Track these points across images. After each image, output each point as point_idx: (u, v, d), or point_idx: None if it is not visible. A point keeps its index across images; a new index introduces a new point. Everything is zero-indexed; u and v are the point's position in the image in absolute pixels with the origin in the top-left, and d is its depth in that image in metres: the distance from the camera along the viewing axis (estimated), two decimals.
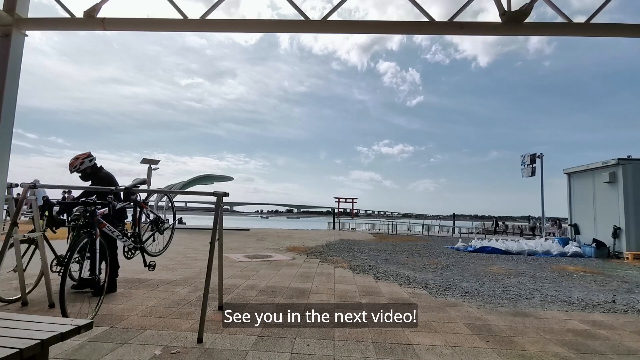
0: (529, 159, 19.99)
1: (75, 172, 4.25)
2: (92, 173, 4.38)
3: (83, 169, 4.26)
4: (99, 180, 4.35)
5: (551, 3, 3.55)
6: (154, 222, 4.27)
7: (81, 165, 4.23)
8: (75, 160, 4.21)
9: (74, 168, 4.23)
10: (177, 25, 3.68)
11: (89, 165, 4.31)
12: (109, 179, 4.44)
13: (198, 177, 21.37)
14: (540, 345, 3.22)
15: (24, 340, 1.57)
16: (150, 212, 4.28)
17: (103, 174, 4.46)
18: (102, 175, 4.42)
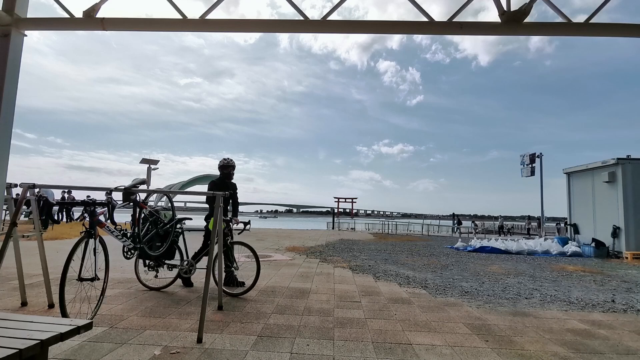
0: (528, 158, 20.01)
1: (231, 170, 5.29)
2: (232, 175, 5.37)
3: (234, 168, 5.32)
4: (231, 182, 5.33)
5: (550, 3, 3.55)
6: (154, 222, 4.27)
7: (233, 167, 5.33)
8: (231, 161, 5.28)
9: (233, 169, 5.32)
10: (177, 25, 3.68)
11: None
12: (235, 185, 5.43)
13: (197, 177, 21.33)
14: (539, 345, 3.22)
15: (23, 341, 1.57)
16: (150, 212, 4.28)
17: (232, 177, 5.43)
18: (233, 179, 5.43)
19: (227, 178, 5.28)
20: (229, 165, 5.27)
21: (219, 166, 5.30)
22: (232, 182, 5.33)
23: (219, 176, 5.30)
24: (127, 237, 3.74)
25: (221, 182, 5.20)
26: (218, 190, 4.95)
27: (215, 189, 4.97)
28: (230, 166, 5.28)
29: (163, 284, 4.77)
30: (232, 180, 5.38)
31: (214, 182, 5.19)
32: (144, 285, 4.75)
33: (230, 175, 5.30)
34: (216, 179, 5.27)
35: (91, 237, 3.29)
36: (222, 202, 3.59)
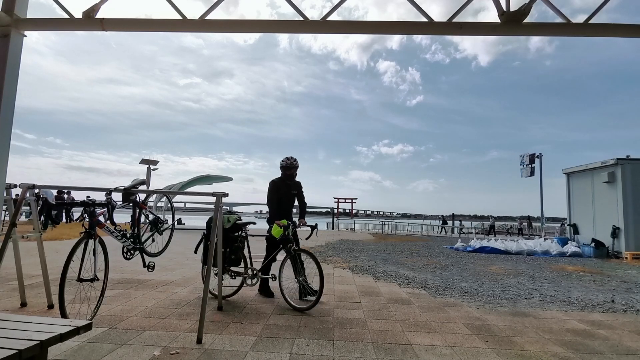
0: (528, 159, 20.02)
1: (294, 171, 4.91)
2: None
3: (297, 168, 4.94)
4: (295, 182, 4.97)
5: (549, 3, 3.56)
6: (153, 223, 4.27)
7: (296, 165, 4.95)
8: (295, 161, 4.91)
9: (296, 170, 4.92)
10: (176, 25, 3.69)
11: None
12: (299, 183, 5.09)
13: (197, 178, 21.34)
14: (539, 345, 3.22)
15: (22, 341, 1.57)
16: (150, 213, 4.28)
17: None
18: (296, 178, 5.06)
19: (289, 179, 4.91)
20: (293, 166, 4.88)
21: (281, 166, 4.91)
22: (296, 181, 4.98)
23: (280, 176, 4.94)
24: (126, 237, 3.73)
25: (282, 182, 4.88)
26: (279, 191, 4.78)
27: (276, 189, 4.80)
28: (294, 167, 4.89)
29: (228, 292, 4.49)
30: (296, 179, 5.03)
31: (275, 182, 4.87)
32: (211, 294, 4.40)
33: (293, 176, 4.92)
34: (277, 179, 4.92)
35: (91, 238, 3.29)
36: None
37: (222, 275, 4.24)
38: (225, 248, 4.23)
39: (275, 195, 4.77)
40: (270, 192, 4.81)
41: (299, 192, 5.03)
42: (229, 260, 4.29)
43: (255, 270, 4.34)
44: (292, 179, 4.91)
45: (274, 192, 4.79)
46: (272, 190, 4.82)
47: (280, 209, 4.74)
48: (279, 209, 4.73)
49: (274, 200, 4.75)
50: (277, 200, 4.76)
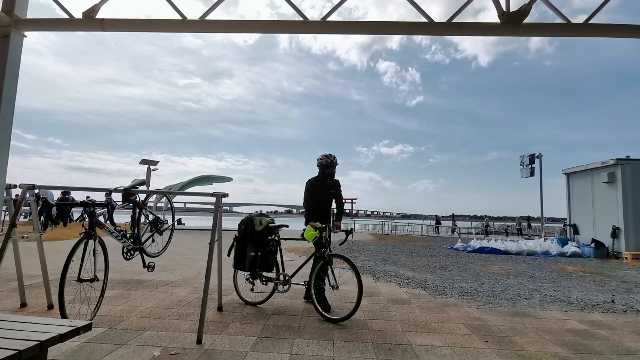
0: (527, 159, 20.04)
1: (334, 169, 4.56)
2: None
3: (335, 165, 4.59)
4: (333, 181, 4.64)
5: (549, 3, 3.56)
6: (153, 223, 4.26)
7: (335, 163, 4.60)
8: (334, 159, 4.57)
9: (334, 167, 4.57)
10: (176, 25, 3.69)
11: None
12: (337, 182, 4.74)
13: (197, 178, 21.36)
14: (539, 346, 3.22)
15: (22, 342, 1.56)
16: (150, 213, 4.28)
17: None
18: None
19: (328, 178, 4.57)
20: (333, 164, 4.53)
21: (320, 164, 4.55)
22: (334, 180, 4.65)
23: (317, 174, 4.61)
24: (126, 238, 3.73)
25: (319, 181, 4.55)
26: (316, 191, 4.48)
27: (312, 189, 4.49)
28: (334, 165, 4.54)
29: (259, 298, 4.30)
30: (335, 178, 4.70)
31: (311, 182, 4.55)
32: (242, 299, 4.32)
33: (333, 174, 4.58)
34: (313, 178, 4.59)
35: (90, 238, 3.29)
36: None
37: (253, 281, 4.14)
38: (257, 252, 4.07)
39: (312, 196, 4.48)
40: (306, 192, 4.51)
41: (337, 191, 4.69)
42: (261, 265, 4.11)
43: (287, 276, 4.10)
44: (330, 178, 4.59)
45: (311, 192, 4.49)
46: (309, 189, 4.51)
47: (317, 210, 4.46)
48: (316, 210, 4.45)
49: (311, 200, 4.47)
50: (313, 201, 4.47)
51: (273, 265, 4.21)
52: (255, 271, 4.11)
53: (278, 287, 4.10)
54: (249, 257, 4.02)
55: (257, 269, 4.10)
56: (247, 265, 4.04)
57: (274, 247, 4.20)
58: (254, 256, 4.04)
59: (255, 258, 4.06)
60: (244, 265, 4.04)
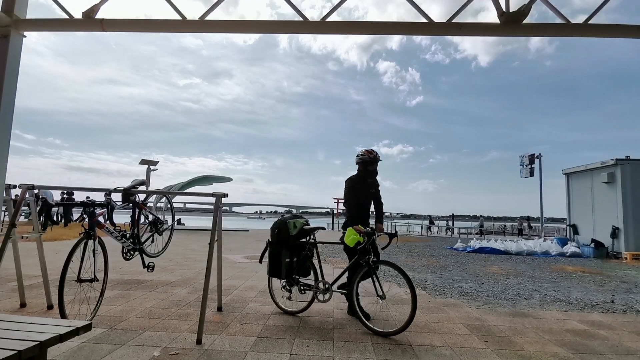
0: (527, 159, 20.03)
1: (377, 164, 4.18)
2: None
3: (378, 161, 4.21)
4: (374, 180, 4.26)
5: (549, 4, 3.56)
6: (153, 223, 4.26)
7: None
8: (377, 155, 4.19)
9: (377, 164, 4.18)
10: (176, 26, 3.69)
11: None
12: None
13: (197, 178, 21.35)
14: (539, 346, 3.22)
15: (22, 342, 1.56)
16: (149, 213, 4.28)
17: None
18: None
19: (370, 175, 4.18)
20: (376, 160, 4.15)
21: (361, 161, 4.17)
22: (374, 179, 4.27)
23: (357, 172, 4.24)
24: (126, 238, 3.73)
25: (360, 179, 4.17)
26: (357, 191, 4.10)
27: (354, 188, 4.12)
28: (377, 161, 4.16)
29: (297, 307, 3.97)
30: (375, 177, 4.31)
31: (352, 180, 4.17)
32: (279, 308, 4.05)
33: (375, 172, 4.20)
34: (354, 176, 4.22)
35: (90, 238, 3.29)
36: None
37: (290, 289, 3.88)
38: (292, 258, 3.78)
39: (354, 196, 4.10)
40: (348, 192, 4.12)
41: (377, 191, 4.31)
42: (297, 271, 3.83)
43: (327, 284, 3.79)
44: (373, 176, 4.20)
45: (352, 192, 4.10)
46: (350, 189, 4.12)
47: (358, 211, 4.10)
48: (358, 212, 4.09)
49: (353, 201, 4.08)
50: (355, 202, 4.10)
51: (310, 270, 3.93)
52: (292, 278, 3.83)
53: (318, 295, 3.81)
54: (284, 264, 3.73)
55: (294, 275, 3.83)
56: (283, 273, 3.74)
57: (310, 251, 3.93)
58: (290, 262, 3.76)
59: (292, 264, 3.77)
60: (280, 272, 3.75)
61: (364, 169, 4.15)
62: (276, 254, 3.79)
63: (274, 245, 3.85)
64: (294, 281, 3.83)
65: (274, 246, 3.85)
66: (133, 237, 3.85)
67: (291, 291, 3.89)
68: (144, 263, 3.96)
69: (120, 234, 3.66)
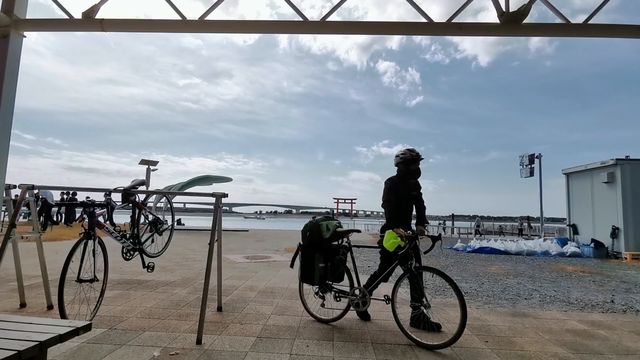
0: (527, 159, 20.03)
1: (418, 163, 3.91)
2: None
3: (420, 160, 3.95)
4: (415, 181, 4.02)
5: (549, 4, 3.56)
6: (153, 223, 4.26)
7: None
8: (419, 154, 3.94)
9: (419, 163, 3.92)
10: (176, 26, 3.69)
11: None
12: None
13: (197, 178, 21.36)
14: (539, 346, 3.22)
15: (22, 342, 1.56)
16: (149, 213, 4.28)
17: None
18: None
19: (413, 175, 3.92)
20: (419, 158, 3.89)
21: (402, 160, 3.91)
22: (416, 181, 4.03)
23: (397, 173, 3.99)
24: (126, 238, 3.73)
25: (401, 180, 3.92)
26: (397, 192, 3.86)
27: (394, 189, 3.87)
28: (420, 159, 3.90)
29: (331, 315, 3.73)
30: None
31: (393, 180, 3.93)
32: (311, 316, 3.82)
33: (418, 171, 3.94)
34: (394, 177, 3.98)
35: (90, 238, 3.29)
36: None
37: (324, 295, 3.66)
38: (326, 262, 3.56)
39: (394, 197, 3.85)
40: (387, 192, 3.88)
41: (419, 193, 4.05)
42: (331, 276, 3.61)
43: (364, 291, 3.56)
44: (416, 176, 3.95)
45: (392, 193, 3.86)
46: (390, 190, 3.88)
47: (399, 214, 3.84)
48: (398, 214, 3.83)
49: (392, 202, 3.83)
50: (395, 203, 3.84)
51: (343, 275, 3.71)
52: (326, 284, 3.62)
53: (354, 303, 3.59)
54: (318, 269, 3.51)
55: (328, 280, 3.62)
56: (316, 279, 3.53)
57: (344, 254, 3.69)
58: (324, 267, 3.54)
59: (325, 269, 3.55)
60: (313, 278, 3.54)
61: (406, 168, 3.89)
62: (309, 259, 3.58)
63: (306, 249, 3.64)
64: (327, 287, 3.63)
65: (306, 250, 3.63)
66: (133, 237, 3.85)
67: (324, 298, 3.66)
68: (144, 263, 3.96)
69: (120, 234, 3.66)
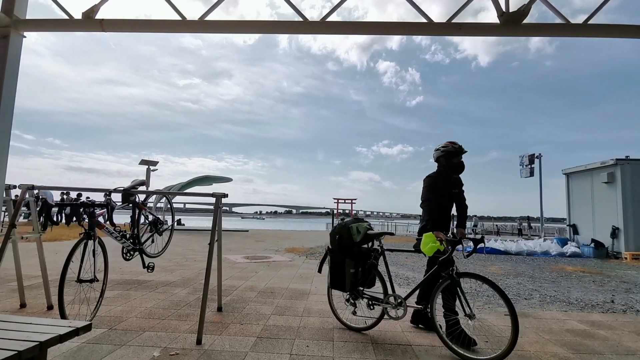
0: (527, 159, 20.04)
1: (461, 156, 3.59)
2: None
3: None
4: (458, 177, 3.71)
5: (549, 4, 3.56)
6: (153, 224, 4.26)
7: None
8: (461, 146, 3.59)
9: (461, 156, 3.59)
10: (176, 26, 3.69)
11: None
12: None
13: (197, 179, 21.35)
14: (539, 346, 3.22)
15: (22, 343, 1.56)
16: (149, 214, 4.28)
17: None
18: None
19: (455, 170, 3.59)
20: (462, 150, 3.54)
21: (444, 153, 3.56)
22: (458, 177, 3.70)
23: (438, 169, 3.66)
24: (126, 238, 3.73)
25: (441, 176, 3.60)
26: (437, 191, 3.56)
27: (434, 186, 3.56)
28: (463, 152, 3.56)
29: (364, 323, 3.48)
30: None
31: (432, 177, 3.60)
32: (341, 323, 3.60)
33: (462, 165, 3.59)
34: (434, 173, 3.64)
35: (90, 239, 3.29)
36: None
37: (355, 302, 3.44)
38: (357, 267, 3.35)
39: (434, 195, 3.55)
40: (426, 191, 3.57)
41: (460, 191, 3.71)
42: (362, 282, 3.40)
43: (400, 299, 3.27)
44: (459, 170, 3.61)
45: (432, 191, 3.55)
46: (430, 188, 3.56)
47: (439, 214, 3.55)
48: (438, 214, 3.54)
49: (432, 202, 3.53)
50: (435, 202, 3.54)
51: (375, 280, 3.49)
52: (357, 290, 3.39)
53: (389, 311, 3.30)
54: (349, 275, 3.30)
55: (359, 287, 3.40)
56: (347, 285, 3.32)
57: (375, 259, 3.42)
58: (355, 273, 3.33)
59: (356, 275, 3.35)
60: (344, 284, 3.33)
61: (448, 162, 3.55)
62: (339, 264, 3.37)
63: (335, 254, 3.42)
64: (359, 294, 3.40)
65: (335, 255, 3.42)
66: (133, 237, 3.85)
67: (356, 305, 3.44)
68: (144, 263, 3.96)
69: (120, 235, 3.66)
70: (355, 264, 3.34)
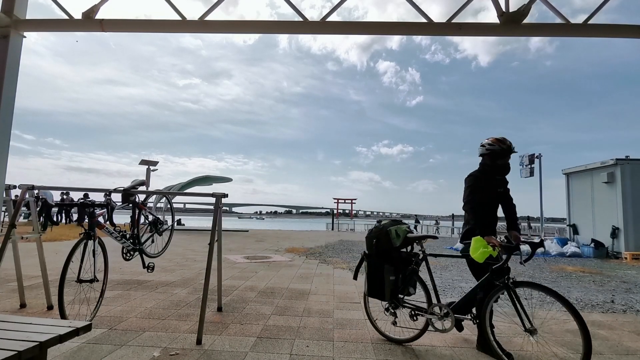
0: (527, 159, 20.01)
1: (509, 156, 3.24)
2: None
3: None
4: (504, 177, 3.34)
5: (548, 4, 3.56)
6: (153, 224, 4.26)
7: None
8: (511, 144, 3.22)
9: (509, 157, 3.24)
10: (176, 26, 3.69)
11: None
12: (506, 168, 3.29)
13: (197, 179, 21.35)
14: (539, 346, 3.22)
15: (22, 343, 1.56)
16: (149, 214, 4.28)
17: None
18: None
19: (500, 171, 3.21)
20: (510, 150, 3.16)
21: (489, 152, 3.15)
22: (504, 177, 3.31)
23: (481, 167, 3.27)
24: (126, 238, 3.73)
25: (485, 175, 3.19)
26: (481, 191, 3.16)
27: (479, 186, 3.15)
28: (512, 152, 3.20)
29: (405, 335, 3.18)
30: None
31: (475, 177, 3.21)
32: (380, 334, 3.34)
33: (508, 167, 3.23)
34: (476, 172, 3.25)
35: (90, 239, 3.29)
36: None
37: (395, 311, 3.19)
38: (397, 274, 3.10)
39: (478, 196, 3.15)
40: (469, 192, 3.16)
41: (506, 190, 3.34)
42: (402, 290, 3.12)
43: (446, 309, 3.00)
44: (504, 172, 3.24)
45: (476, 192, 3.15)
46: (474, 187, 3.16)
47: (484, 216, 3.15)
48: (484, 216, 3.15)
49: (476, 203, 3.13)
50: (480, 205, 3.14)
51: (416, 288, 3.20)
52: (398, 299, 3.12)
53: (434, 322, 3.02)
54: (388, 282, 3.05)
55: (400, 295, 3.13)
56: (387, 294, 3.07)
57: (417, 264, 3.15)
58: (395, 280, 3.08)
59: (396, 282, 3.09)
60: (383, 293, 3.08)
61: (492, 162, 3.17)
62: (377, 270, 3.11)
63: (372, 259, 3.19)
64: (399, 302, 3.14)
65: (373, 260, 3.18)
66: (133, 237, 3.85)
67: (396, 314, 3.19)
68: (144, 263, 3.96)
69: (120, 235, 3.67)
70: (394, 270, 3.09)
